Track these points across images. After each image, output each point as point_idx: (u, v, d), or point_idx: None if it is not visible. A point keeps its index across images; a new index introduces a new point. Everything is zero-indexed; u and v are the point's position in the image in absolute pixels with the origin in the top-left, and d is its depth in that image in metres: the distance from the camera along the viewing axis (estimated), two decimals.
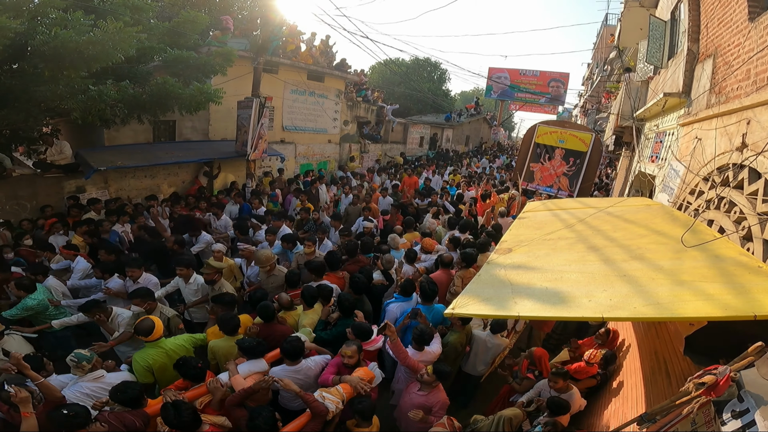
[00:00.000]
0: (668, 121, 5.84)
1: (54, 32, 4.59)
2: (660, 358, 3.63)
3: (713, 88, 4.20)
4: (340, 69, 14.25)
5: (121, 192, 8.53)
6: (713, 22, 4.46)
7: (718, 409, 1.80)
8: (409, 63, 28.79)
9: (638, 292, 2.30)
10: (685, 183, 4.47)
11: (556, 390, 3.65)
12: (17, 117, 5.44)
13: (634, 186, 7.72)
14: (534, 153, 11.92)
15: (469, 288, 2.83)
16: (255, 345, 3.41)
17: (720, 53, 4.17)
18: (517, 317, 2.49)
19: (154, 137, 9.47)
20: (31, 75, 5.12)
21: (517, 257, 3.44)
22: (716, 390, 1.75)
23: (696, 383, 1.81)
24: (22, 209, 7.07)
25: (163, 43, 6.83)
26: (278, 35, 10.58)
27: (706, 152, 4.05)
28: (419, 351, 3.85)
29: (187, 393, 3.06)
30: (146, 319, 3.60)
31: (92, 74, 5.44)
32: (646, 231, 3.62)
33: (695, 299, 2.16)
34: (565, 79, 28.61)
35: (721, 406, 1.80)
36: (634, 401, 3.57)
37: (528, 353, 3.99)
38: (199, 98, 6.79)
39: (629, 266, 2.74)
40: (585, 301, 2.28)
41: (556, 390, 3.65)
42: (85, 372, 3.20)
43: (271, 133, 11.72)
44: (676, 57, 5.81)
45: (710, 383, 1.76)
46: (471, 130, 28.13)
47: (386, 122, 18.58)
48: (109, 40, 4.80)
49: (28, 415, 2.57)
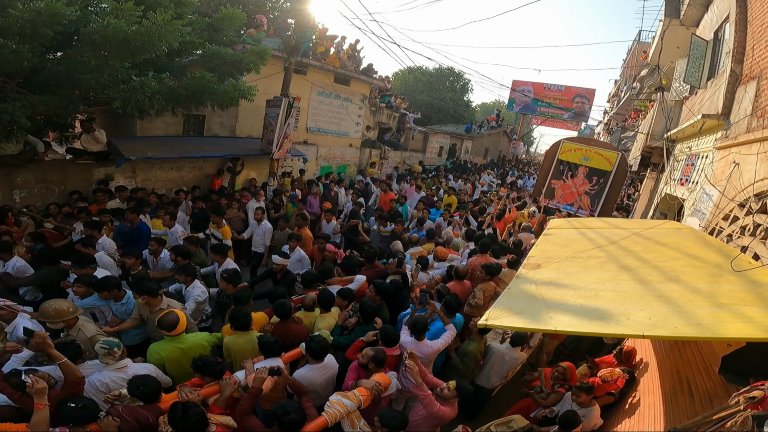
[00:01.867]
0: (703, 143, 5.76)
1: (107, 21, 4.73)
2: (683, 377, 3.58)
3: (755, 111, 4.14)
4: (366, 74, 14.39)
5: (147, 182, 8.73)
6: (760, 44, 4.40)
7: (758, 422, 1.81)
8: (432, 71, 28.89)
9: (677, 313, 2.29)
10: (719, 208, 4.40)
11: (578, 404, 3.61)
12: (59, 104, 5.61)
13: (660, 209, 7.60)
14: (557, 170, 11.82)
15: (500, 301, 2.83)
16: (272, 342, 3.41)
17: (765, 76, 4.11)
18: (554, 331, 2.48)
19: (184, 131, 9.69)
20: (77, 63, 5.28)
21: (547, 273, 3.42)
22: (764, 404, 1.80)
23: (746, 397, 1.83)
24: (50, 193, 7.26)
25: (202, 38, 7.00)
26: (310, 37, 10.75)
27: (744, 177, 3.99)
28: (419, 341, 3.83)
29: (203, 390, 3.00)
30: (171, 312, 3.59)
31: (135, 65, 5.60)
32: (679, 254, 3.58)
33: (735, 321, 2.19)
34: (591, 95, 28.34)
35: (761, 419, 1.81)
36: (652, 420, 3.52)
37: (557, 367, 3.95)
38: (232, 94, 6.92)
39: (665, 287, 2.72)
40: (623, 319, 2.27)
41: (578, 404, 3.61)
42: (116, 359, 3.14)
43: (295, 133, 11.83)
44: (716, 78, 5.74)
45: (760, 397, 1.81)
46: (490, 142, 28.05)
47: (407, 130, 18.66)
48: (156, 31, 4.95)
49: (42, 407, 2.49)
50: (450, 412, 3.34)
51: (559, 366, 3.99)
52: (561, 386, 3.94)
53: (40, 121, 6.26)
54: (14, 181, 6.79)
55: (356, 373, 3.54)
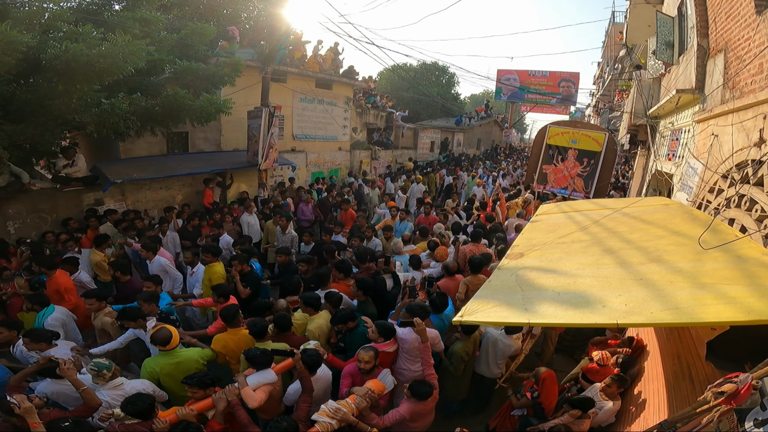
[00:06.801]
0: (683, 118, 5.69)
1: (65, 46, 4.67)
2: (683, 362, 3.49)
3: (727, 83, 4.07)
4: (347, 76, 14.33)
5: (138, 204, 8.66)
6: (721, 17, 4.33)
7: (740, 417, 1.70)
8: (417, 68, 28.79)
9: (656, 297, 2.21)
10: (704, 181, 4.33)
11: (607, 393, 3.63)
12: (34, 131, 5.54)
13: (652, 185, 7.53)
14: (546, 155, 11.78)
15: (478, 294, 2.77)
16: (259, 354, 3.37)
17: (731, 48, 4.04)
18: (527, 324, 2.42)
19: (168, 149, 9.62)
20: (45, 89, 5.21)
21: (529, 262, 3.36)
22: (737, 399, 1.66)
23: (715, 392, 1.72)
24: (43, 222, 7.22)
25: (173, 54, 6.94)
26: (285, 44, 10.68)
27: (724, 149, 3.92)
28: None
29: (196, 405, 3.02)
30: (163, 328, 3.60)
31: (105, 87, 5.53)
32: (665, 232, 3.50)
33: (717, 303, 2.06)
34: (576, 79, 28.27)
35: (743, 414, 1.70)
36: (656, 407, 3.44)
37: (535, 372, 3.88)
38: (209, 109, 6.86)
39: (646, 269, 2.64)
40: (599, 307, 2.20)
41: (607, 393, 3.63)
42: (106, 381, 3.21)
43: (282, 141, 11.80)
44: (686, 53, 5.67)
45: (730, 392, 1.67)
46: (482, 133, 27.97)
47: (396, 128, 18.58)
48: (119, 53, 4.87)
49: (36, 425, 2.51)
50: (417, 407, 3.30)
51: (535, 371, 3.92)
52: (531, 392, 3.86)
53: (25, 149, 6.20)
54: (6, 212, 6.75)
55: (350, 380, 3.49)
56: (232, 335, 3.91)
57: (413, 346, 3.79)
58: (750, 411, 1.76)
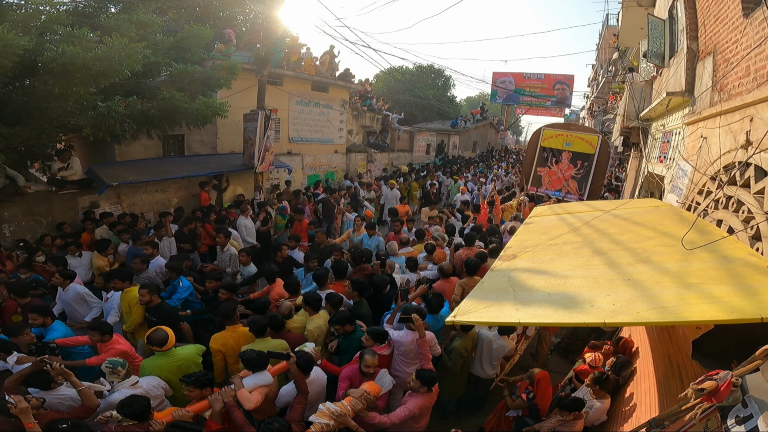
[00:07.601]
0: (674, 120, 5.77)
1: (61, 49, 4.70)
2: (673, 362, 3.56)
3: (715, 85, 4.15)
4: (343, 79, 14.38)
5: (134, 207, 8.64)
6: (710, 19, 4.41)
7: (723, 414, 1.75)
8: (413, 71, 28.89)
9: (642, 296, 2.26)
10: (693, 183, 4.40)
11: (594, 393, 3.68)
12: (30, 134, 5.55)
13: (644, 187, 7.61)
14: (540, 157, 11.86)
15: (471, 295, 2.82)
16: (255, 357, 3.40)
17: (719, 50, 4.12)
18: (518, 324, 2.46)
19: (164, 151, 9.63)
20: (41, 92, 5.24)
21: (521, 263, 3.41)
22: (717, 396, 1.70)
23: (696, 389, 1.77)
24: (39, 225, 7.18)
25: (169, 57, 6.97)
26: (281, 47, 10.72)
27: (712, 151, 3.99)
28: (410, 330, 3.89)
29: (193, 406, 3.06)
30: (159, 329, 3.64)
31: (101, 90, 5.56)
32: (654, 233, 3.56)
33: (701, 302, 2.11)
34: (570, 81, 28.50)
35: (726, 411, 1.75)
36: (648, 406, 3.51)
37: (529, 373, 3.93)
38: (205, 112, 6.89)
39: (634, 270, 2.69)
40: (587, 307, 2.24)
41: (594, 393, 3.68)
42: (121, 377, 3.27)
43: (278, 144, 11.82)
44: (676, 56, 5.75)
45: (710, 389, 1.71)
46: (478, 135, 28.11)
47: (392, 130, 18.65)
48: (116, 55, 4.91)
49: (32, 426, 2.51)
50: (424, 401, 3.36)
51: (530, 372, 3.97)
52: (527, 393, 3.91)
53: (20, 152, 6.20)
54: (2, 215, 6.72)
55: (348, 383, 3.52)
56: (231, 332, 3.96)
57: (409, 348, 3.85)
58: (732, 408, 1.81)
